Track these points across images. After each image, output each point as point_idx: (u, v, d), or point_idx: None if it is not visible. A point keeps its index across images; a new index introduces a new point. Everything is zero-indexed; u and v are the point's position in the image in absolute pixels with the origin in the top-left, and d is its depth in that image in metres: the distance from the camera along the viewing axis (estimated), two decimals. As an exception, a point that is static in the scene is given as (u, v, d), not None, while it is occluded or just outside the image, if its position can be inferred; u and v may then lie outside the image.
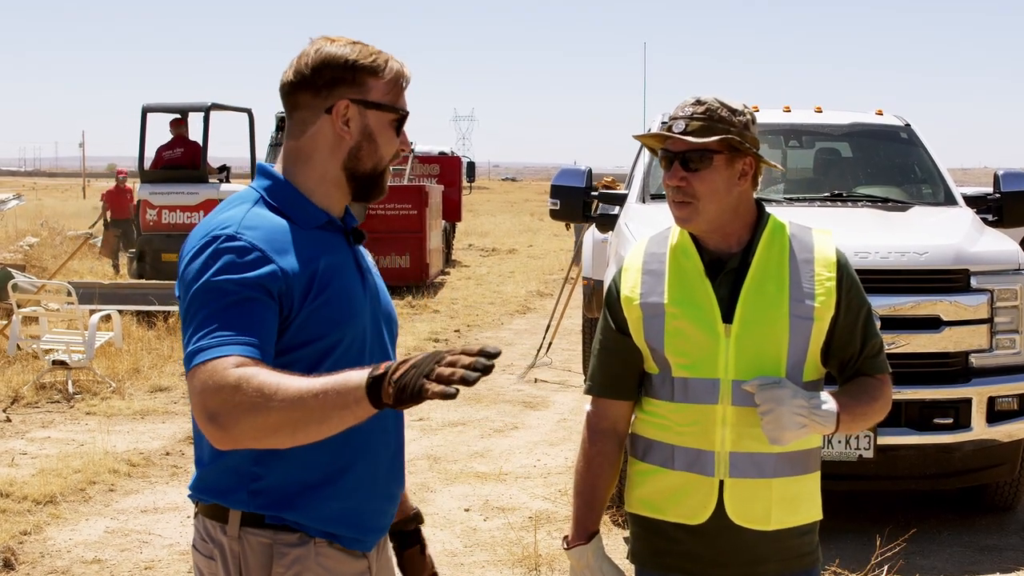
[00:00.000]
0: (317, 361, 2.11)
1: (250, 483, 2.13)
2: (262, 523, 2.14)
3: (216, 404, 1.90)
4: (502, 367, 11.17)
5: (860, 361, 2.59)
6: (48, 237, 19.72)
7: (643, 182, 6.95)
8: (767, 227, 2.58)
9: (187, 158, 14.60)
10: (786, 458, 2.53)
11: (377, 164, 2.24)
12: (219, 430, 1.91)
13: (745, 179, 2.54)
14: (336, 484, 2.16)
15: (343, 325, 2.14)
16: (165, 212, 14.13)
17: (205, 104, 14.75)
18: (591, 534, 2.67)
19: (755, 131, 2.56)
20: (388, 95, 2.22)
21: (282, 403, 1.87)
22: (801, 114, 7.45)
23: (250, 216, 2.12)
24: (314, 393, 1.87)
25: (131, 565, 5.45)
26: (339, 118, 2.19)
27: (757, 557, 2.56)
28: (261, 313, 2.02)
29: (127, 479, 6.87)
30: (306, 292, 2.10)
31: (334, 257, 2.18)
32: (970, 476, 5.95)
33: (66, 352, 9.22)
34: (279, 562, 2.14)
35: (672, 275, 2.57)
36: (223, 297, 2.01)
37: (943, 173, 7.06)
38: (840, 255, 2.58)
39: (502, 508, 6.42)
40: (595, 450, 2.68)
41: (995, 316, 5.73)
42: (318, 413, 1.88)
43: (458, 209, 23.35)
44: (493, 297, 16.89)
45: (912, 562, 5.45)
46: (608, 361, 2.68)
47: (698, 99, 2.55)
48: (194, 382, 1.95)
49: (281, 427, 1.90)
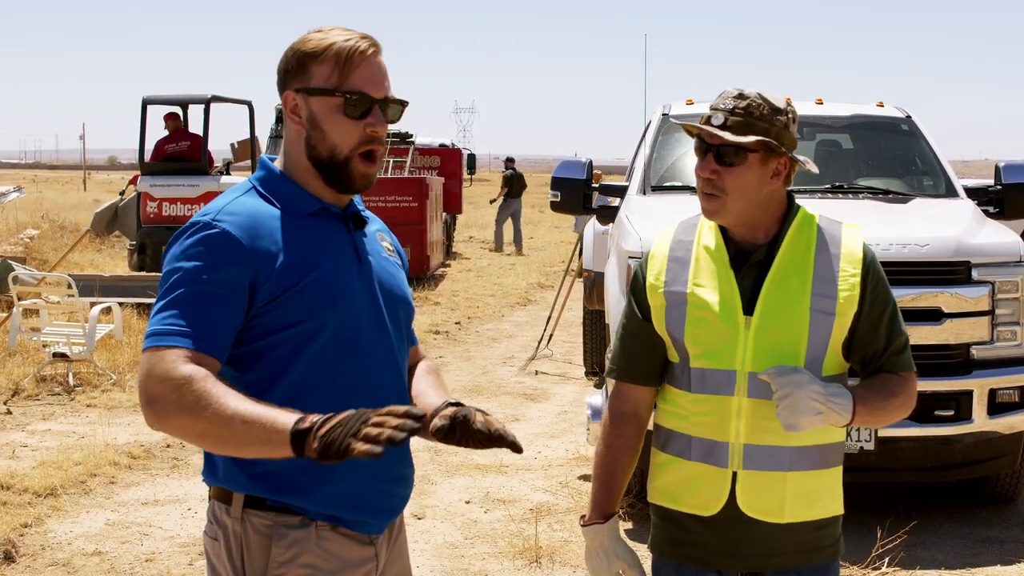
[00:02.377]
0: (302, 343, 2.15)
1: (249, 467, 2.16)
2: (264, 505, 2.17)
3: (156, 392, 2.02)
4: (503, 359, 11.17)
5: (884, 358, 2.57)
6: (49, 230, 19.69)
7: (644, 174, 6.93)
8: (796, 220, 2.56)
9: (193, 150, 14.65)
10: (802, 452, 2.52)
11: (333, 152, 2.20)
12: (152, 416, 2.04)
13: (778, 178, 2.52)
14: (335, 467, 2.16)
15: (325, 309, 2.16)
16: (166, 204, 14.13)
17: (206, 96, 14.74)
18: (608, 515, 2.67)
19: (794, 131, 2.53)
20: (331, 78, 2.18)
21: (212, 416, 1.97)
22: (802, 106, 7.42)
23: (234, 203, 2.18)
24: (243, 419, 1.96)
25: (132, 557, 5.45)
26: (288, 110, 2.23)
27: (771, 549, 2.55)
28: (223, 307, 2.09)
29: (128, 471, 6.87)
30: (283, 278, 2.13)
31: (323, 243, 2.20)
32: (971, 468, 5.95)
33: (67, 345, 9.21)
34: (278, 543, 2.16)
35: (697, 264, 2.56)
36: (190, 284, 2.09)
37: (944, 165, 7.05)
38: (867, 250, 2.57)
39: (503, 500, 6.42)
40: (615, 433, 2.68)
41: (996, 308, 5.73)
42: (240, 438, 1.98)
43: (459, 201, 23.32)
44: (494, 289, 16.89)
45: (913, 554, 5.46)
46: (631, 346, 2.67)
47: (741, 92, 2.51)
48: (145, 363, 2.06)
49: (205, 436, 2.03)
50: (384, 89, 2.22)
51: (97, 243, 19.53)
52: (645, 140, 7.40)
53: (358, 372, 2.21)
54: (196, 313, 2.07)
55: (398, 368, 2.32)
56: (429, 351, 11.44)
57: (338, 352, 2.18)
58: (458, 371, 10.51)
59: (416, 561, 5.41)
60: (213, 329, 2.08)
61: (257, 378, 2.15)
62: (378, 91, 2.21)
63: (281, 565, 2.16)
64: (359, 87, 2.18)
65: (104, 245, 19.91)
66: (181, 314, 2.07)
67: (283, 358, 2.15)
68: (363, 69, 2.19)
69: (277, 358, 2.15)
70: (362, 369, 2.22)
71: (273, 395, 2.10)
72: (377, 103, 2.21)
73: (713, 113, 2.50)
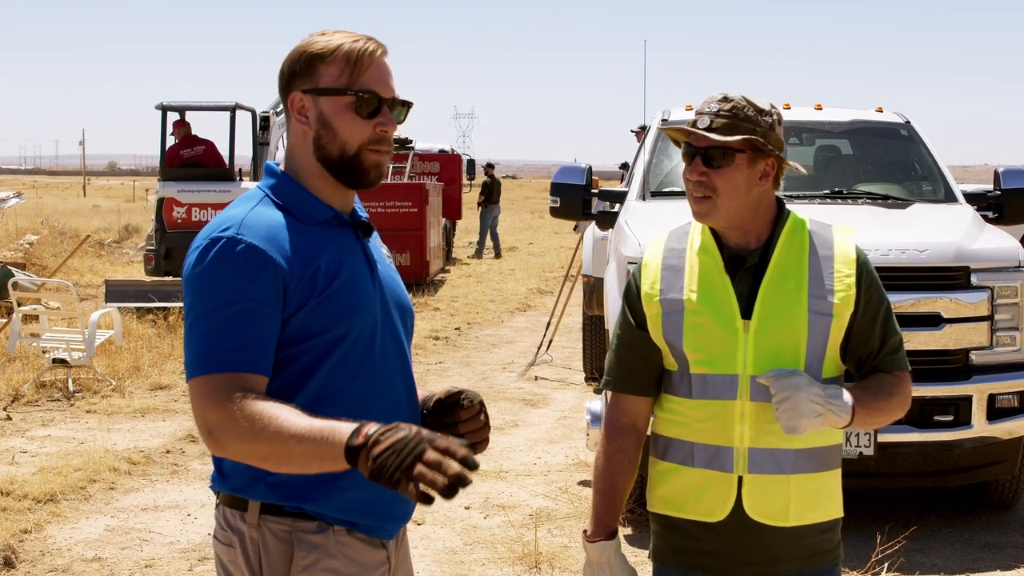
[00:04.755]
0: (324, 352, 2.15)
1: (267, 477, 2.16)
2: (281, 511, 2.18)
3: (214, 421, 2.04)
4: (503, 365, 11.18)
5: (879, 358, 2.58)
6: (48, 235, 19.70)
7: (643, 180, 6.94)
8: (787, 224, 2.58)
9: (207, 156, 14.76)
10: (805, 454, 2.52)
11: (344, 150, 2.20)
12: (214, 444, 2.06)
13: (767, 179, 2.54)
14: (353, 475, 2.17)
15: (349, 318, 2.17)
16: (195, 210, 14.20)
17: (230, 104, 14.84)
18: (613, 530, 2.68)
19: (781, 132, 2.55)
20: (341, 78, 2.18)
21: (270, 440, 2.00)
22: (801, 111, 7.44)
23: (252, 215, 2.16)
24: (299, 438, 1.97)
25: (131, 563, 5.45)
26: (295, 111, 2.23)
27: (776, 555, 2.55)
28: (262, 325, 2.08)
29: (127, 477, 6.87)
30: (309, 287, 2.13)
31: (340, 251, 2.21)
32: (970, 473, 5.95)
33: (66, 350, 9.21)
34: (300, 549, 2.17)
35: (691, 271, 2.57)
36: (227, 306, 2.07)
37: (943, 170, 7.05)
38: (860, 252, 2.59)
39: (502, 506, 6.42)
40: (614, 447, 2.68)
41: (995, 313, 5.73)
42: (301, 459, 2.00)
43: (458, 207, 23.33)
44: (493, 295, 16.89)
45: (912, 559, 5.45)
46: (627, 356, 2.67)
47: (725, 96, 2.54)
48: (197, 392, 2.05)
49: (267, 459, 2.05)
50: (391, 89, 2.23)
51: (97, 248, 19.53)
52: (644, 146, 7.41)
53: (375, 380, 2.22)
54: (239, 333, 2.06)
55: (409, 375, 2.33)
56: (429, 357, 11.45)
57: (357, 360, 2.19)
58: (458, 377, 10.50)
59: (416, 567, 5.39)
60: (258, 348, 2.07)
61: (278, 387, 2.13)
62: (387, 91, 2.22)
63: (305, 569, 2.17)
64: (369, 86, 2.19)
65: (104, 251, 19.91)
66: (224, 336, 2.06)
67: (305, 367, 2.15)
68: (372, 69, 2.20)
69: (300, 367, 2.15)
70: (378, 377, 2.23)
71: (295, 404, 2.09)
72: (386, 102, 2.22)
73: (699, 117, 2.53)
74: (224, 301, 2.07)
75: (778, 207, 2.61)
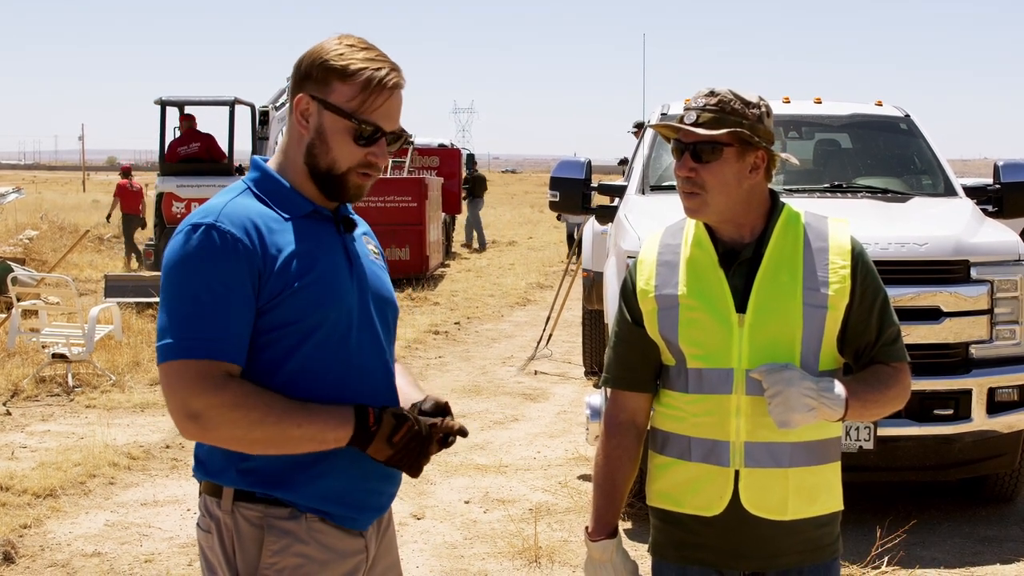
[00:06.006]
0: (299, 341, 2.19)
1: (239, 463, 2.20)
2: (254, 498, 2.21)
3: (201, 406, 2.07)
4: (503, 359, 11.18)
5: (876, 349, 2.57)
6: (48, 231, 19.69)
7: (643, 174, 6.93)
8: (781, 217, 2.57)
9: (203, 151, 14.76)
10: (802, 447, 2.52)
11: (332, 167, 2.24)
12: (199, 429, 2.11)
13: (757, 172, 2.53)
14: (327, 464, 2.23)
15: (323, 308, 2.21)
16: (195, 205, 14.23)
17: (229, 99, 14.85)
18: (614, 528, 2.68)
19: (770, 124, 2.54)
20: (353, 102, 2.21)
21: (269, 426, 2.10)
22: (801, 105, 7.43)
23: (232, 205, 2.20)
24: (298, 423, 2.12)
25: (131, 558, 5.45)
26: (297, 110, 2.25)
27: (774, 549, 2.55)
28: (238, 311, 2.13)
29: (127, 472, 6.87)
30: (283, 278, 2.17)
31: (317, 244, 2.24)
32: (970, 467, 5.95)
33: (66, 345, 9.21)
34: (270, 534, 2.20)
35: (686, 266, 2.57)
36: (203, 290, 2.11)
37: (943, 164, 7.05)
38: (855, 243, 2.58)
39: (502, 500, 6.42)
40: (613, 443, 2.68)
41: (995, 307, 5.72)
42: (296, 443, 2.14)
43: (458, 201, 23.33)
44: (493, 289, 16.88)
45: (912, 553, 5.46)
46: (625, 353, 2.67)
47: (712, 90, 2.53)
48: (176, 376, 2.09)
49: (259, 443, 2.13)
50: (396, 123, 2.27)
51: (96, 244, 19.53)
52: (644, 140, 7.40)
53: (350, 370, 2.25)
54: (218, 321, 2.10)
55: (387, 365, 2.36)
56: (428, 351, 11.44)
57: (331, 350, 2.22)
58: (457, 371, 10.51)
59: (415, 561, 5.42)
60: (233, 335, 2.12)
61: (252, 374, 2.17)
62: (390, 125, 2.26)
63: (274, 554, 2.20)
64: (376, 120, 2.22)
65: (103, 246, 19.91)
66: (203, 323, 2.10)
67: (278, 356, 2.19)
68: (385, 104, 2.23)
69: (274, 355, 2.19)
70: (354, 366, 2.26)
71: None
72: (386, 136, 2.25)
73: (686, 112, 2.53)
74: (202, 287, 2.11)
75: (772, 200, 2.60)
